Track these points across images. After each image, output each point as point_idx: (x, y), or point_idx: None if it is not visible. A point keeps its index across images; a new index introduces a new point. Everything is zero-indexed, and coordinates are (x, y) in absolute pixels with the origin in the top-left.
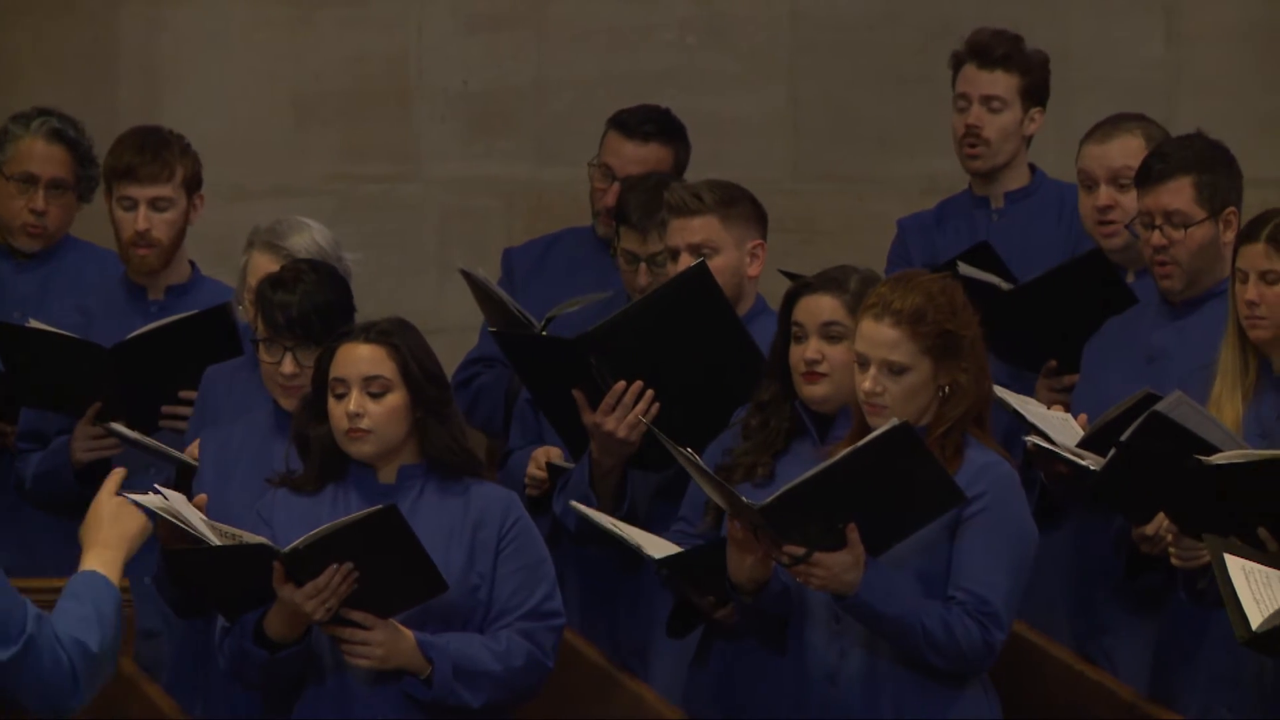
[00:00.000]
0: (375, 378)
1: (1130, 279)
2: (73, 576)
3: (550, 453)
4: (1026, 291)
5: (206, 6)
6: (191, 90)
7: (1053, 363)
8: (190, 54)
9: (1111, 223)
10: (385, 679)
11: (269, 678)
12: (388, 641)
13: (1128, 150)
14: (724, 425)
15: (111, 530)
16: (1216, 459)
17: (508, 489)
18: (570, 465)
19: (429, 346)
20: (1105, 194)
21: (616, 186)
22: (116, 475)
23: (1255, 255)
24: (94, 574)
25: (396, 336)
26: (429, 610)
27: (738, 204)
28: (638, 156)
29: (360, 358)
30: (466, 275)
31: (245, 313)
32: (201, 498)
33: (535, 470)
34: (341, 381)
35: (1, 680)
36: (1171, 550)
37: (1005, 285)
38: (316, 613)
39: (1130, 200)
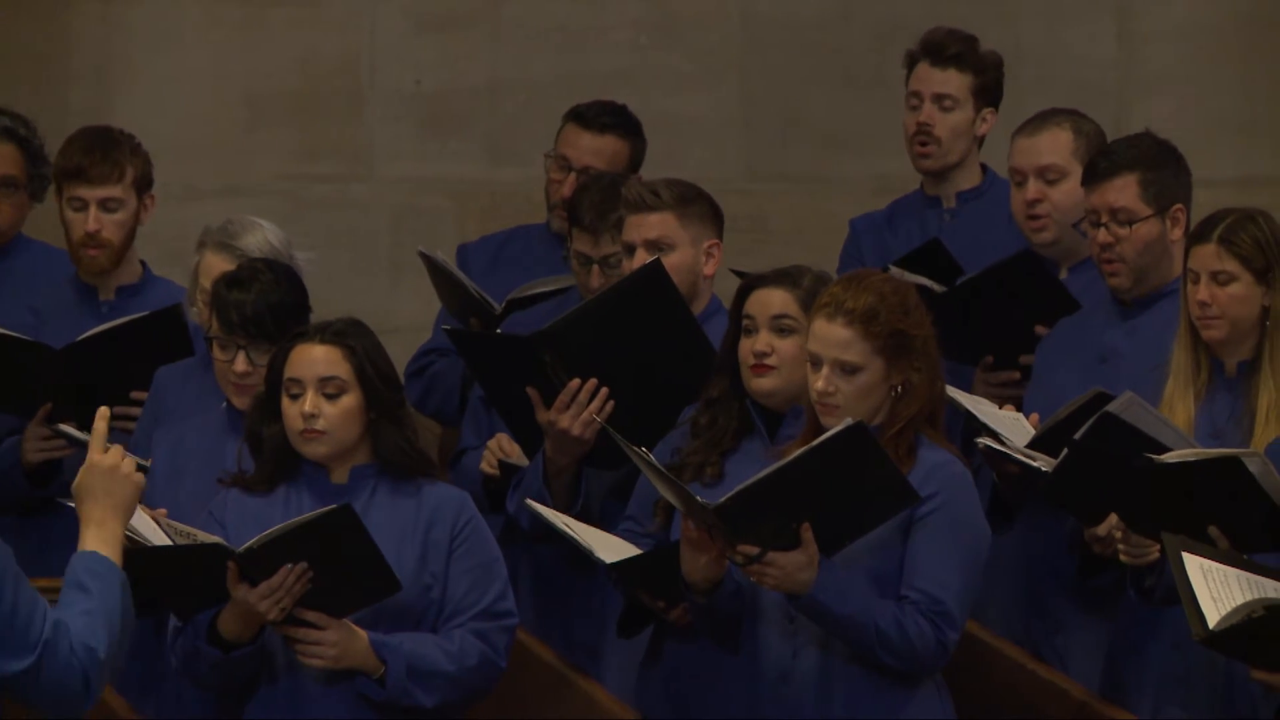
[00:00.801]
0: (331, 379)
1: (1063, 275)
2: (75, 558)
3: (502, 440)
4: (959, 293)
5: (158, 6)
6: (143, 90)
7: (989, 358)
8: (142, 53)
9: (1039, 217)
10: (338, 679)
11: (222, 677)
12: (341, 641)
13: (1056, 144)
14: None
15: (106, 503)
16: (1166, 458)
17: (460, 489)
18: (523, 462)
19: (383, 348)
20: (1034, 188)
21: (573, 178)
22: (101, 425)
23: (1207, 256)
24: (96, 556)
25: (352, 338)
26: (382, 610)
27: (695, 203)
28: (595, 147)
29: (316, 358)
30: (425, 257)
31: (198, 313)
32: (161, 511)
33: (493, 454)
34: (297, 382)
35: (16, 687)
36: (1121, 546)
37: (938, 287)
38: (270, 612)
39: (1059, 194)
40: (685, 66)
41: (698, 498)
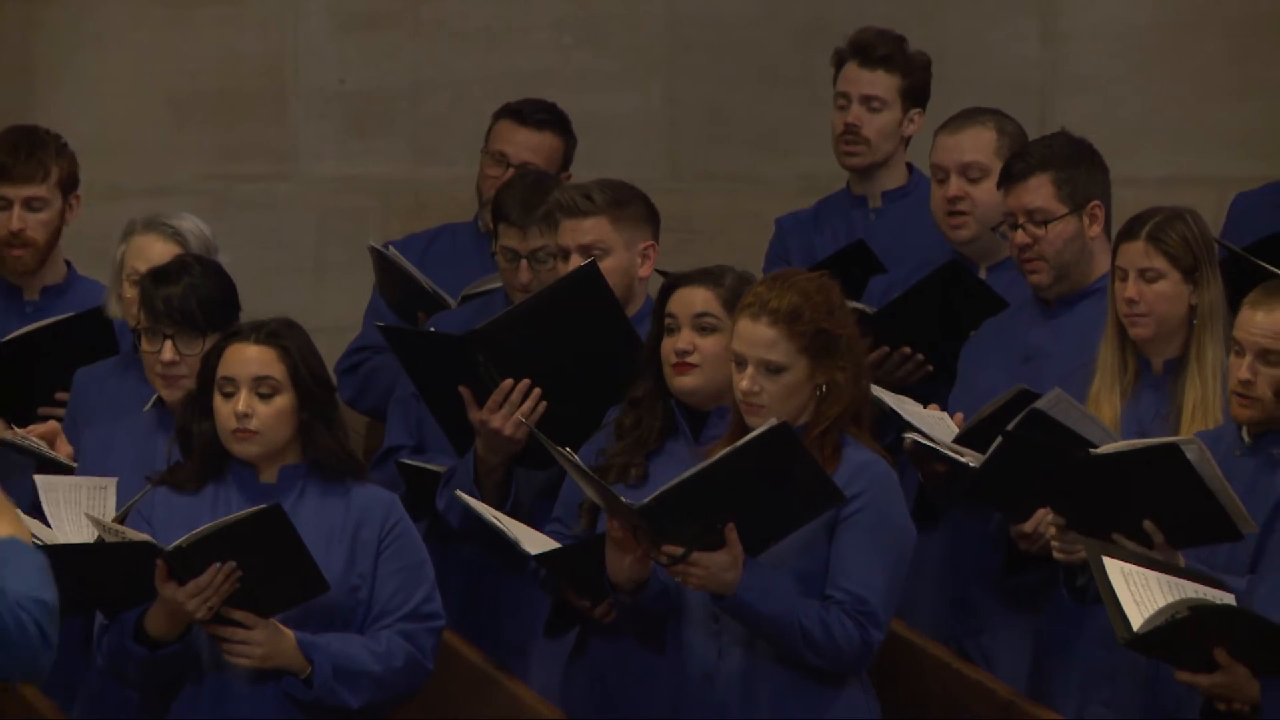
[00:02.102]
0: (265, 379)
1: (982, 275)
2: None
3: None
4: (891, 310)
5: (82, 6)
6: (67, 90)
7: (883, 348)
8: (66, 53)
9: (960, 214)
10: (264, 678)
11: (148, 676)
12: (268, 641)
13: (979, 142)
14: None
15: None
16: (1104, 449)
17: (389, 490)
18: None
19: (316, 349)
20: (955, 184)
21: (510, 174)
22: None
23: (1135, 253)
24: (10, 539)
25: (287, 338)
26: (309, 610)
27: (629, 205)
28: (532, 143)
29: (250, 358)
30: (375, 252)
31: (118, 306)
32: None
33: None
34: (230, 381)
35: None
36: (1055, 544)
37: (869, 309)
38: (198, 611)
39: (980, 192)
40: (610, 66)
41: (622, 498)
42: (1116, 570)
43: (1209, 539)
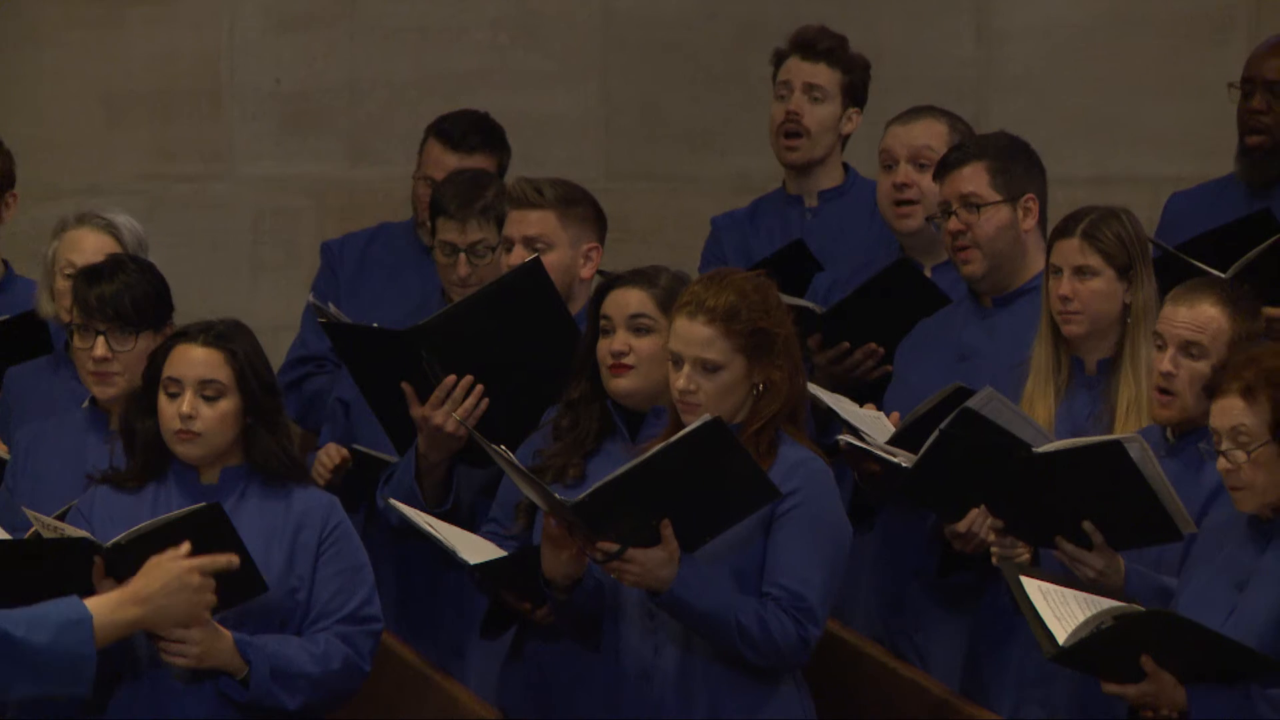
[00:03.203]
0: (210, 381)
1: (928, 273)
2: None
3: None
4: (840, 309)
5: (15, 5)
6: (2, 89)
7: (818, 337)
8: (0, 53)
9: (908, 202)
10: (201, 678)
11: None
12: (204, 641)
13: (931, 131)
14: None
15: (151, 594)
16: (1046, 448)
17: (329, 494)
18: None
19: (264, 353)
20: (904, 171)
21: None
22: None
23: (1069, 250)
24: (79, 606)
25: (235, 341)
26: (247, 611)
27: (578, 205)
28: (461, 168)
29: (196, 360)
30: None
31: (50, 303)
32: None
33: (324, 461)
34: (175, 381)
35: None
36: (994, 551)
37: (819, 309)
38: None
39: (927, 181)
40: (545, 66)
41: (556, 494)
42: (1035, 588)
43: (1149, 540)
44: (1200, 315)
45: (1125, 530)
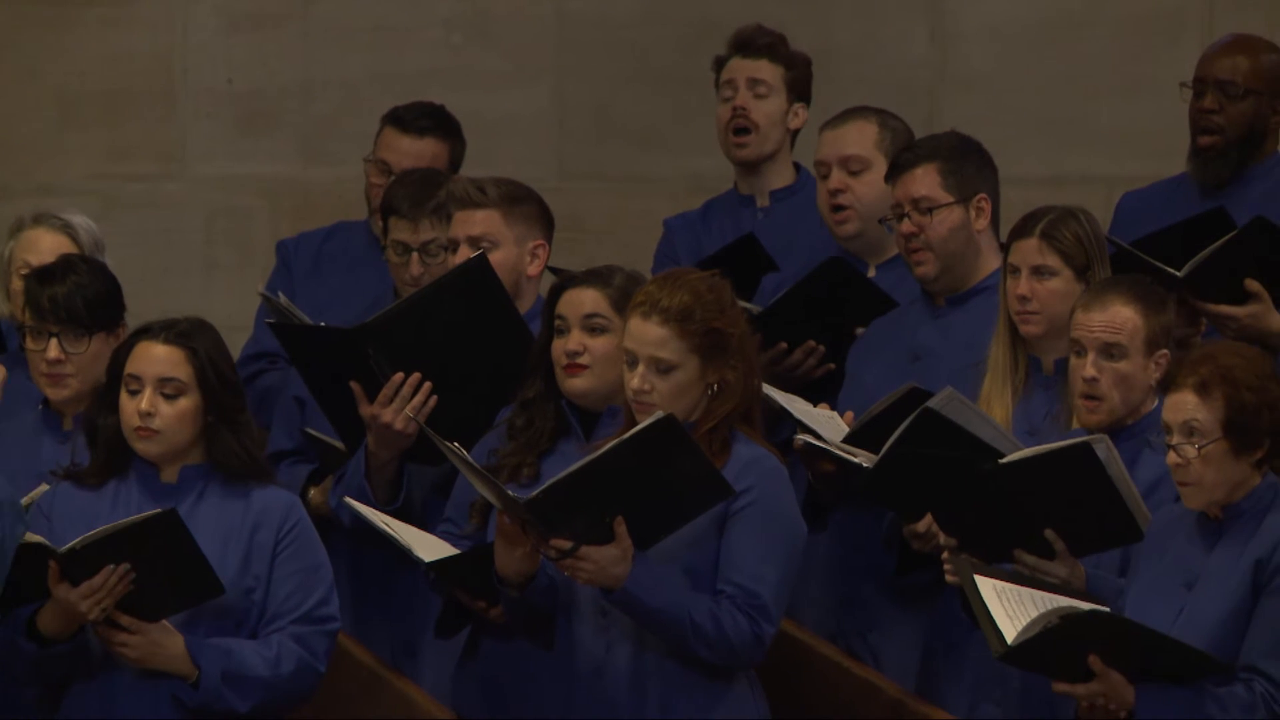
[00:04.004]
0: (170, 379)
1: (871, 273)
2: None
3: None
4: (775, 310)
5: None
6: None
7: (782, 344)
8: None
9: (843, 208)
10: (154, 678)
11: (38, 673)
12: (148, 644)
13: (860, 136)
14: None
15: None
16: (1013, 457)
17: (290, 493)
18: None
19: (228, 351)
20: (836, 178)
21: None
22: None
23: (1028, 250)
24: None
25: (196, 339)
26: (202, 610)
27: (522, 203)
28: (414, 151)
29: (157, 357)
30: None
31: (5, 302)
32: None
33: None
34: (136, 378)
35: None
36: (946, 567)
37: (756, 309)
38: (91, 612)
39: (862, 186)
40: (499, 65)
41: (510, 492)
42: (989, 587)
43: (1111, 542)
44: (1115, 316)
45: (1087, 535)
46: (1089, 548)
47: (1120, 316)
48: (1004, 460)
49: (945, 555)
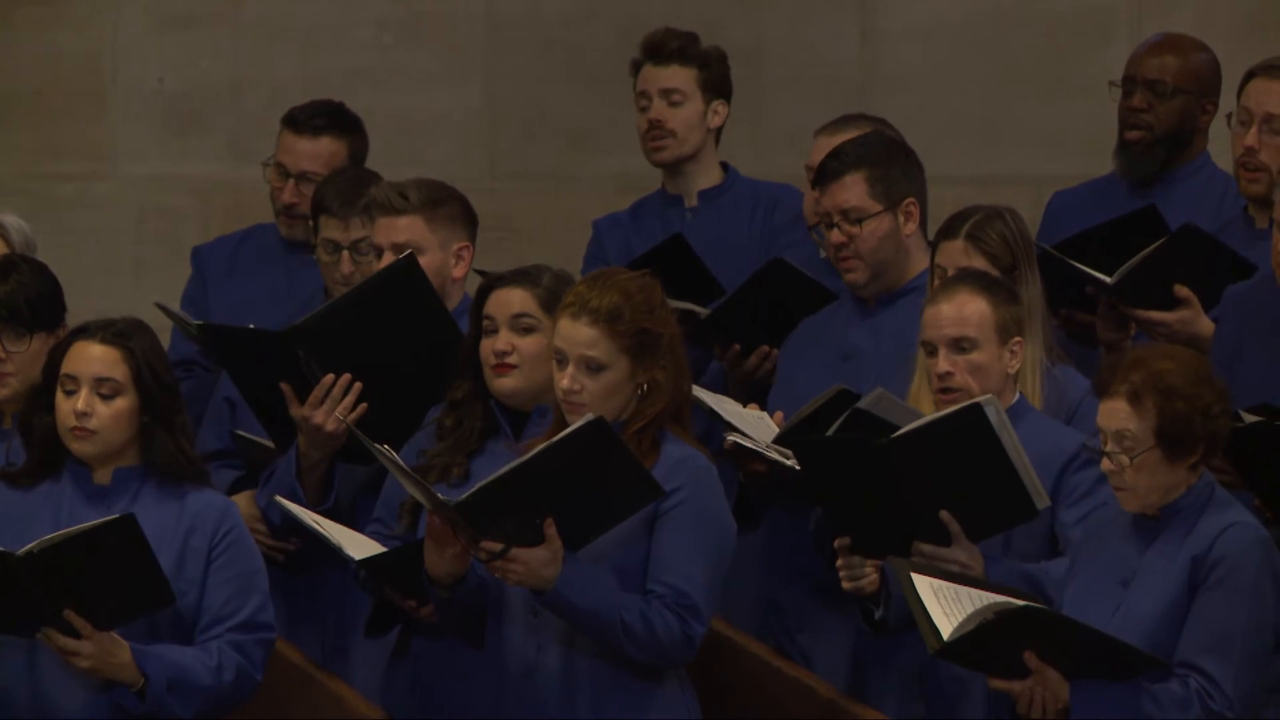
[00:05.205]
0: (106, 380)
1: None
2: None
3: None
4: (722, 312)
5: None
6: None
7: (735, 346)
8: None
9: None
10: (98, 687)
11: None
12: (99, 653)
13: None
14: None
15: None
16: (905, 428)
17: (226, 497)
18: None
19: (164, 352)
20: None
21: (292, 184)
22: None
23: (954, 251)
24: None
25: (133, 340)
26: None
27: (444, 204)
28: (310, 151)
29: (93, 357)
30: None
31: None
32: None
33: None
34: (72, 378)
35: None
36: (842, 573)
37: (703, 311)
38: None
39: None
40: (429, 65)
41: (439, 494)
42: (926, 585)
43: (1007, 521)
44: (963, 309)
45: (983, 516)
46: (986, 529)
47: (968, 309)
48: (896, 434)
49: (840, 561)
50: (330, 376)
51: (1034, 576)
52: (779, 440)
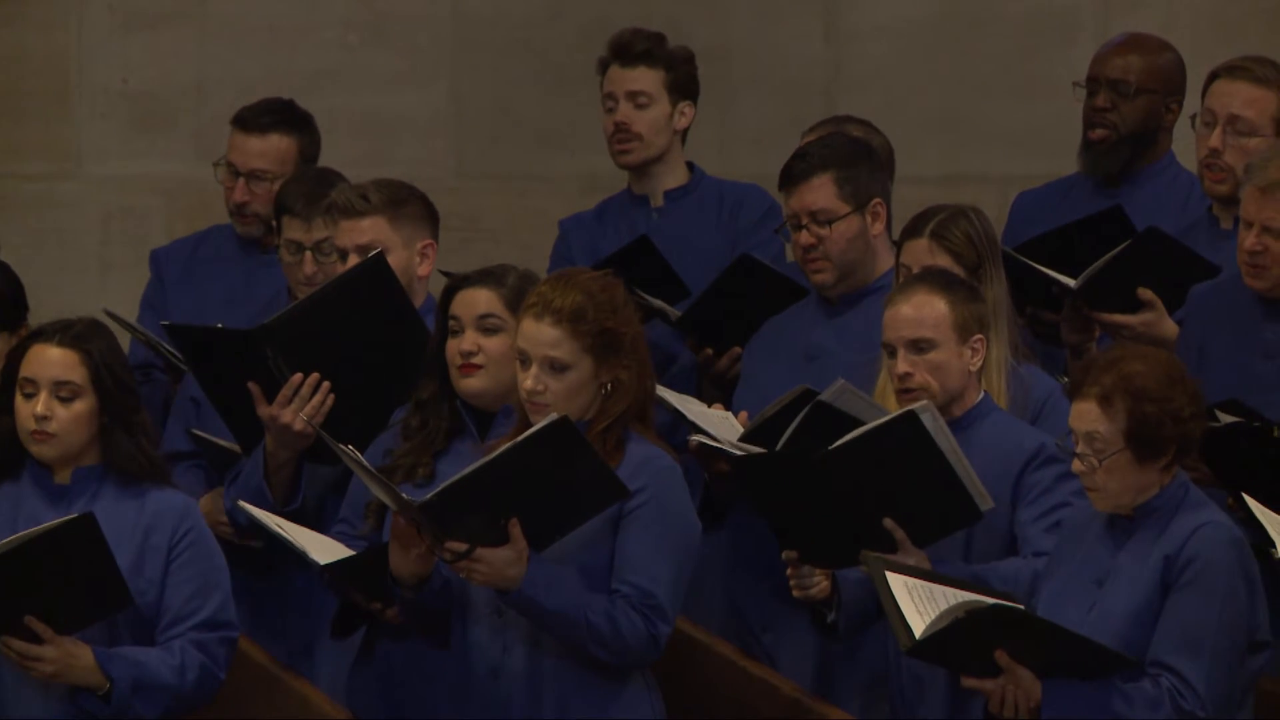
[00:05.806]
0: (65, 383)
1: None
2: None
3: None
4: (694, 311)
5: None
6: None
7: (708, 351)
8: None
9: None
10: (61, 691)
11: None
12: (62, 658)
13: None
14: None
15: None
16: (842, 440)
17: (186, 496)
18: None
19: (123, 353)
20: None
21: (242, 183)
22: None
23: (919, 251)
24: None
25: (91, 342)
26: None
27: (407, 204)
28: (259, 150)
29: (52, 360)
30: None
31: None
32: None
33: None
34: (31, 381)
35: None
36: (792, 582)
37: (674, 312)
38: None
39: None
40: (395, 64)
41: (404, 494)
42: (900, 583)
43: (951, 525)
44: (920, 310)
45: (927, 521)
46: (932, 534)
47: (925, 309)
48: (833, 446)
49: (790, 571)
50: (298, 376)
51: (982, 576)
52: (744, 440)
